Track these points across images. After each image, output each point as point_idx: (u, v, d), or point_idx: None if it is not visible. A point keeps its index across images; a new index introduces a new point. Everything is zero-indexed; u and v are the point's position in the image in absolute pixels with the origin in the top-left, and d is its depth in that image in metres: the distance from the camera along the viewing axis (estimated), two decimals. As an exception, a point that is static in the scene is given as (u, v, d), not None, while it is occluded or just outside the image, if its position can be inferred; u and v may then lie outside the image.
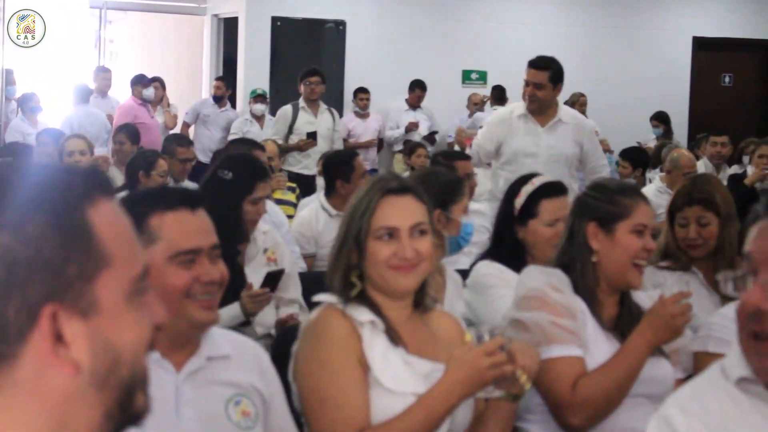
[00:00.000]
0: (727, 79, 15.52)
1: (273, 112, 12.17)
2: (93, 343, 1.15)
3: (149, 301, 1.24)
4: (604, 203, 3.22)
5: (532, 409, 3.16)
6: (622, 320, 3.19)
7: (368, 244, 2.77)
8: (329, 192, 6.12)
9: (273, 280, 4.21)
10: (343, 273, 2.79)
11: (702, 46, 15.13)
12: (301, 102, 10.38)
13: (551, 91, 6.68)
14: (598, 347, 3.11)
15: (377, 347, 2.72)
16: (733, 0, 15.27)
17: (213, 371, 2.54)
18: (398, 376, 2.71)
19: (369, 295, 2.79)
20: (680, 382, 3.24)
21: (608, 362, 3.05)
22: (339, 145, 10.38)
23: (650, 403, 3.09)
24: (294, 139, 10.19)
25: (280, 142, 9.36)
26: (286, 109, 10.30)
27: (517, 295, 3.20)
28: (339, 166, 6.20)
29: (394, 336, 2.76)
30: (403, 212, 2.79)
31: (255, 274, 4.39)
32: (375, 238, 2.76)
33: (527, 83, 6.70)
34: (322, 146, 9.98)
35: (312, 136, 10.12)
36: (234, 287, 4.12)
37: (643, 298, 3.33)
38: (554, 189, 4.04)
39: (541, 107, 6.70)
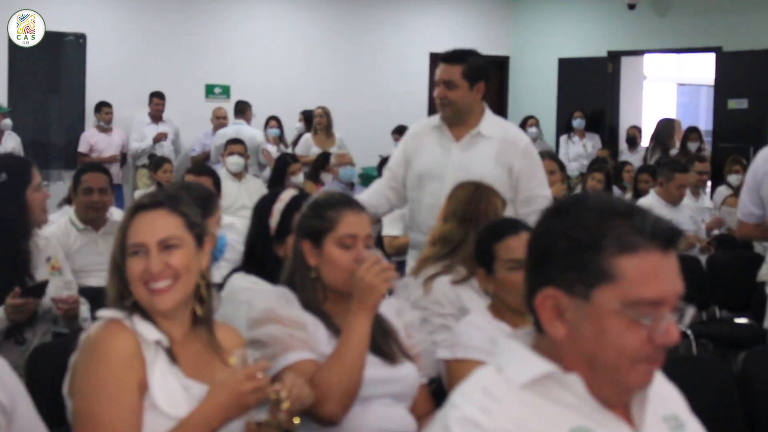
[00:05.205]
0: (462, 94, 16.06)
1: (15, 128, 11.87)
2: None
3: None
4: (312, 219, 3.26)
5: None
6: None
7: (126, 264, 2.77)
8: None
9: (35, 291, 4.19)
10: (117, 286, 2.78)
11: (438, 61, 15.60)
12: None
13: (467, 91, 5.17)
14: None
15: (158, 368, 2.70)
16: (467, 18, 15.91)
17: None
18: (176, 400, 2.69)
19: (145, 310, 2.78)
20: (424, 387, 3.39)
21: None
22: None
23: (397, 402, 3.23)
24: None
25: None
26: None
27: (249, 317, 3.22)
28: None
29: (173, 356, 2.75)
30: (151, 228, 2.77)
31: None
32: (129, 255, 2.77)
33: (437, 83, 5.29)
34: None
35: None
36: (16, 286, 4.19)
37: (384, 307, 3.38)
38: (304, 200, 3.95)
39: (457, 114, 5.21)
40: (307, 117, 13.28)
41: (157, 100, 13.12)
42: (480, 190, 4.49)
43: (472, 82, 5.16)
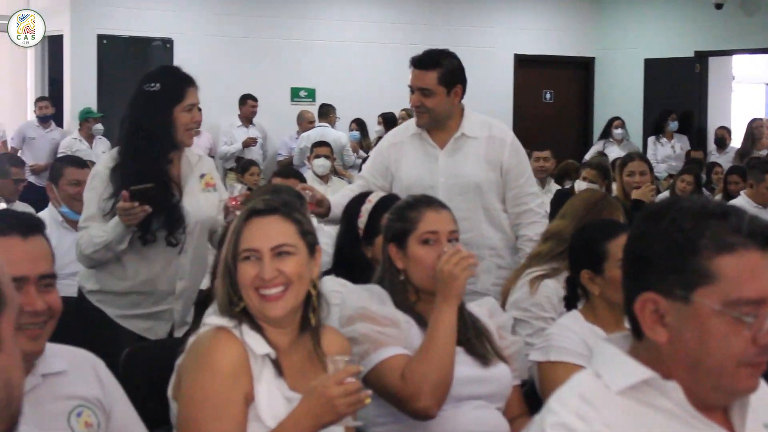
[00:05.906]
0: (548, 96, 16.00)
1: (105, 132, 12.01)
2: None
3: None
4: (395, 222, 3.31)
5: (376, 422, 3.21)
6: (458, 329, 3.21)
7: (238, 268, 2.77)
8: None
9: (141, 195, 4.16)
10: (227, 290, 2.79)
11: (523, 63, 15.57)
12: None
13: (445, 97, 4.79)
14: None
15: (264, 380, 2.71)
16: (552, 19, 15.79)
17: (50, 388, 2.50)
18: (279, 413, 2.70)
19: (253, 317, 2.78)
20: (516, 388, 3.40)
21: None
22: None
23: (490, 404, 3.24)
24: None
25: None
26: None
27: (342, 316, 3.23)
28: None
29: (279, 368, 2.75)
30: (265, 234, 2.78)
31: (189, 197, 4.43)
32: (241, 260, 2.77)
33: (412, 89, 4.86)
34: None
35: None
36: (165, 197, 4.29)
37: (473, 307, 3.42)
38: (392, 201, 3.93)
39: (435, 121, 4.83)
40: (387, 120, 13.26)
41: (251, 102, 13.19)
42: (607, 200, 4.46)
43: (449, 87, 4.80)
